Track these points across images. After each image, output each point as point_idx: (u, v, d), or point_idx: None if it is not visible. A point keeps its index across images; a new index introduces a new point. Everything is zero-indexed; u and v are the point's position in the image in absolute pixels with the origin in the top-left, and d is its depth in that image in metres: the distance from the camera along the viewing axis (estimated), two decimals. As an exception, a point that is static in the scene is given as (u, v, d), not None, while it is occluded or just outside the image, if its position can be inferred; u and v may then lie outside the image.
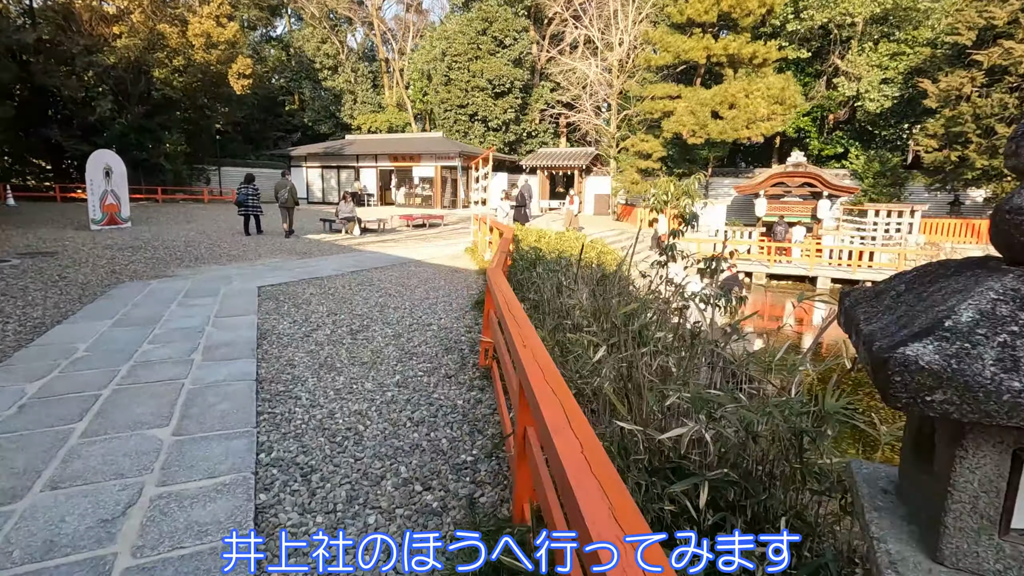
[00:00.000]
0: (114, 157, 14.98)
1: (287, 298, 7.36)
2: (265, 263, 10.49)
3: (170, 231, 14.91)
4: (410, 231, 18.72)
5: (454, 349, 5.17)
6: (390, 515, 2.58)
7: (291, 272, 9.42)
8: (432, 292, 8.11)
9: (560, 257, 6.77)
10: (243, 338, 5.29)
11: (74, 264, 9.30)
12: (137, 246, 11.72)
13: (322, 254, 12.07)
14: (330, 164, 30.72)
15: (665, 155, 24.06)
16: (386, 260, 11.39)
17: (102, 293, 7.35)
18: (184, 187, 28.87)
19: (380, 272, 9.82)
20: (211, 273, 9.15)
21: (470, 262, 11.49)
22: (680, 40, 21.50)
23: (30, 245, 11.13)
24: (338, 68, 39.58)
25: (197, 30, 25.64)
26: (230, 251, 11.81)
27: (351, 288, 8.20)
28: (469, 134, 31.44)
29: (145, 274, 8.88)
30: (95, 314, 6.13)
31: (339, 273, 9.53)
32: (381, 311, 6.75)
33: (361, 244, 14.29)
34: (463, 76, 30.50)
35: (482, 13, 30.32)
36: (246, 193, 14.46)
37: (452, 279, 9.27)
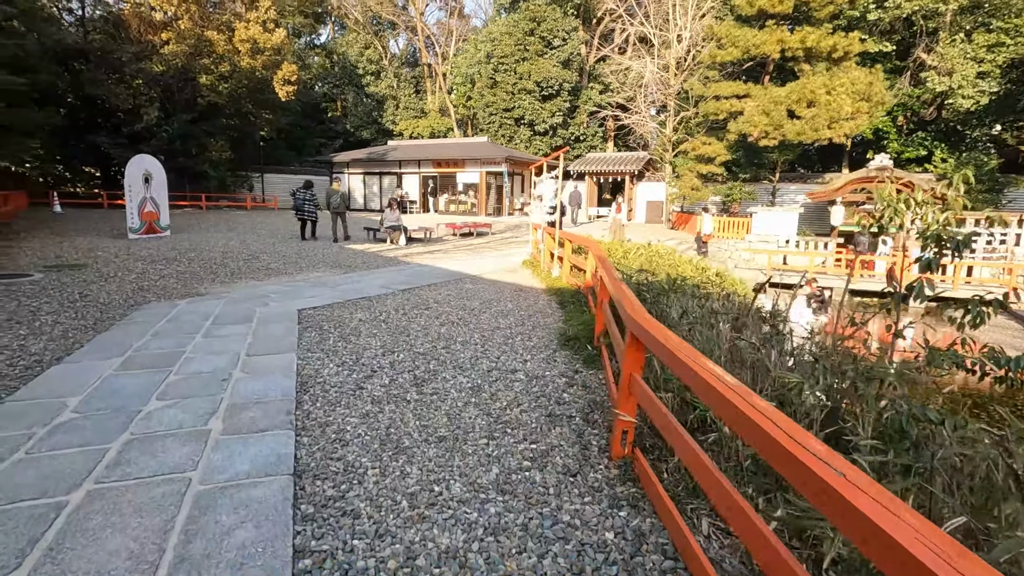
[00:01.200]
0: (154, 162, 14.28)
1: (332, 326, 6.12)
2: (306, 278, 9.37)
3: (209, 240, 14.09)
4: (457, 240, 17.53)
5: (560, 417, 3.76)
6: None
7: (335, 290, 8.23)
8: (501, 319, 6.75)
9: (676, 281, 5.31)
10: (278, 391, 4.02)
11: (100, 279, 8.36)
12: (171, 257, 10.81)
13: (367, 267, 10.91)
14: (372, 170, 30.00)
15: (730, 159, 22.21)
16: (438, 275, 10.13)
17: (121, 317, 6.28)
18: (228, 194, 28.59)
19: (434, 291, 8.54)
20: (246, 291, 8.05)
21: (532, 278, 10.11)
22: (749, 34, 19.70)
23: (60, 256, 10.35)
24: (381, 73, 39.12)
25: (243, 36, 25.28)
26: (269, 264, 10.78)
27: (405, 313, 6.92)
28: (515, 138, 30.20)
29: (174, 292, 7.83)
30: (104, 348, 4.99)
31: (389, 292, 8.29)
32: (447, 347, 5.41)
33: (408, 255, 13.12)
34: (509, 79, 29.31)
35: (529, 13, 29.11)
36: (303, 199, 14.68)
37: (519, 301, 7.89)
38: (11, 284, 7.64)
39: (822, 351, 3.77)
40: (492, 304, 7.64)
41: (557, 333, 6.01)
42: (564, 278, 8.92)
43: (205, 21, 25.11)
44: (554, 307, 7.52)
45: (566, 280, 8.87)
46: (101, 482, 2.71)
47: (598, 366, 4.79)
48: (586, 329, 5.56)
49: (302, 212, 14.87)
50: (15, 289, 7.38)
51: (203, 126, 26.05)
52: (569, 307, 7.19)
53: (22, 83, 13.68)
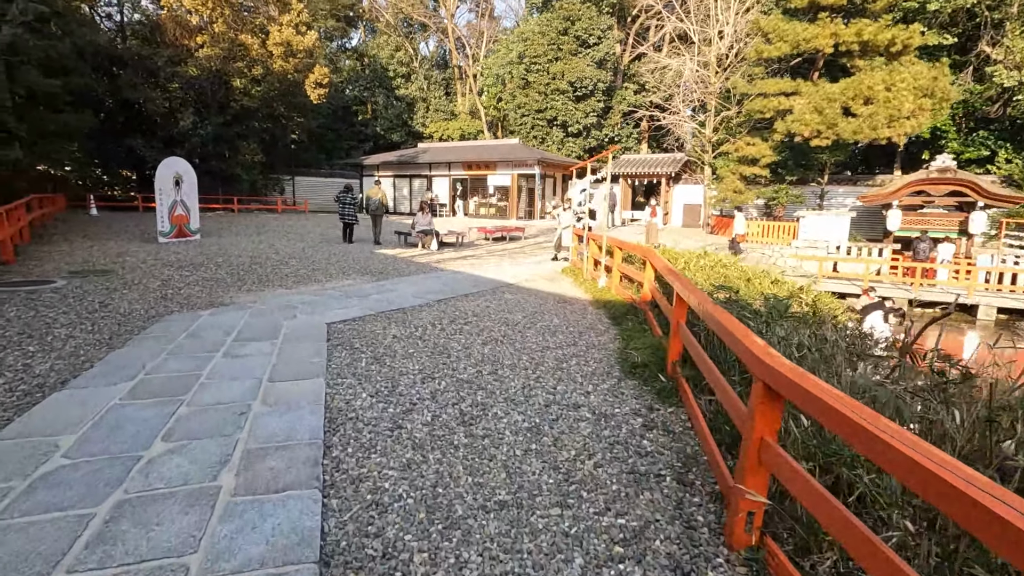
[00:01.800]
0: (185, 165, 14.05)
1: (364, 344, 5.50)
2: (336, 287, 8.83)
3: (238, 244, 13.77)
4: (489, 245, 16.91)
5: (647, 476, 3.02)
6: None
7: (366, 301, 7.65)
8: (549, 336, 6.04)
9: (772, 303, 4.51)
10: (304, 431, 3.39)
11: (123, 287, 7.96)
12: (199, 263, 10.43)
13: (399, 274, 10.35)
14: (403, 173, 29.68)
15: (776, 160, 21.05)
16: (474, 283, 9.49)
17: (140, 331, 5.79)
18: (259, 197, 28.63)
19: (472, 302, 7.89)
20: (273, 301, 7.53)
21: (575, 288, 9.38)
22: (799, 27, 18.58)
23: (87, 261, 10.06)
24: (411, 76, 38.92)
25: (277, 39, 25.22)
26: (298, 270, 10.30)
27: (443, 328, 6.28)
28: (547, 140, 29.49)
29: (198, 301, 7.36)
30: (115, 370, 4.47)
31: (423, 303, 7.68)
32: (494, 373, 4.73)
33: (440, 261, 12.53)
34: (542, 79, 28.63)
35: (564, 12, 28.39)
36: (344, 202, 15.09)
37: (566, 315, 7.17)
38: (32, 292, 7.28)
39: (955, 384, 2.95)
40: (537, 318, 6.94)
41: (617, 357, 5.27)
42: (613, 289, 8.17)
43: (239, 25, 25.14)
44: (606, 323, 6.77)
45: (615, 291, 8.11)
46: (74, 573, 2.10)
47: (676, 402, 4.04)
48: (654, 355, 4.81)
49: (344, 215, 15.19)
50: (35, 298, 7.01)
51: (236, 129, 26.09)
52: (625, 324, 6.44)
53: (55, 85, 13.61)
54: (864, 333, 3.76)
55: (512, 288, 9.25)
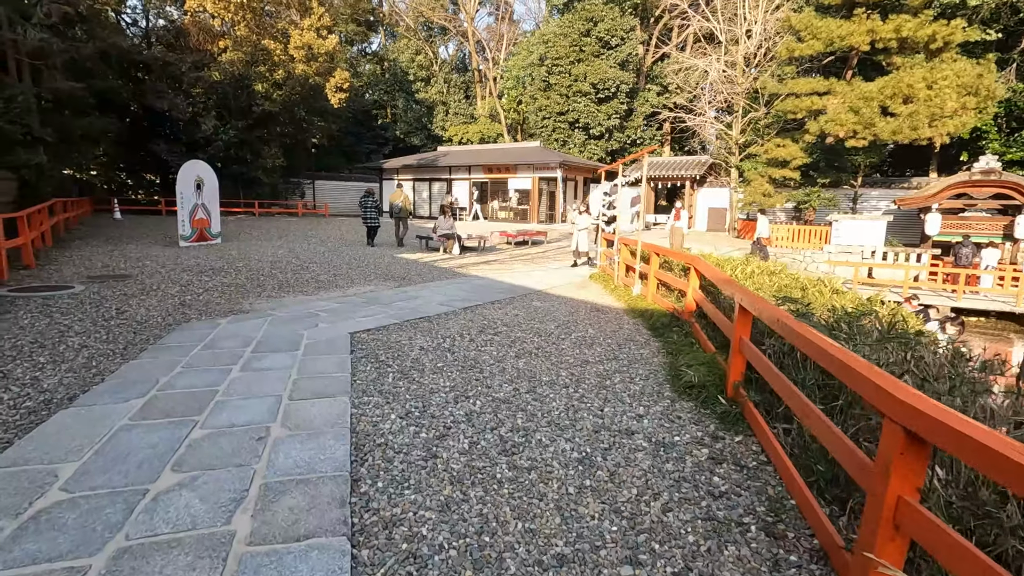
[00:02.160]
0: (206, 168, 13.94)
1: (390, 357, 5.14)
2: (358, 293, 8.51)
3: (259, 249, 13.59)
4: (512, 249, 16.54)
5: (727, 524, 2.57)
6: None
7: (390, 308, 7.31)
8: (587, 349, 5.62)
9: (845, 316, 4.04)
10: (328, 462, 3.02)
11: (142, 292, 7.73)
12: (219, 268, 10.22)
13: (422, 280, 10.01)
14: (422, 176, 29.50)
15: (807, 162, 20.33)
16: (500, 290, 9.11)
17: (156, 340, 5.51)
18: (280, 200, 28.69)
19: (501, 310, 7.50)
20: (294, 308, 7.23)
21: (606, 295, 8.94)
22: (833, 24, 17.91)
23: (107, 266, 9.91)
24: (431, 79, 38.84)
25: (298, 43, 25.26)
26: (319, 275, 10.02)
27: (472, 339, 5.89)
28: (569, 143, 29.06)
29: (217, 308, 7.09)
30: (126, 385, 4.16)
31: (450, 310, 7.31)
32: (533, 391, 4.32)
33: (463, 266, 12.19)
34: (564, 81, 28.23)
35: (586, 13, 27.97)
36: (367, 206, 15.29)
37: (601, 325, 6.74)
38: (49, 298, 7.08)
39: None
40: (570, 328, 6.52)
41: (665, 373, 4.82)
42: (649, 297, 7.70)
43: (261, 29, 25.23)
44: (645, 334, 6.32)
45: (652, 300, 7.65)
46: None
47: (743, 430, 3.58)
48: (709, 373, 4.35)
49: (367, 219, 15.39)
50: (51, 304, 6.79)
51: (257, 133, 26.18)
52: (667, 336, 5.98)
53: (79, 88, 13.63)
54: (961, 353, 3.26)
55: (540, 295, 8.84)
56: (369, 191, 15.67)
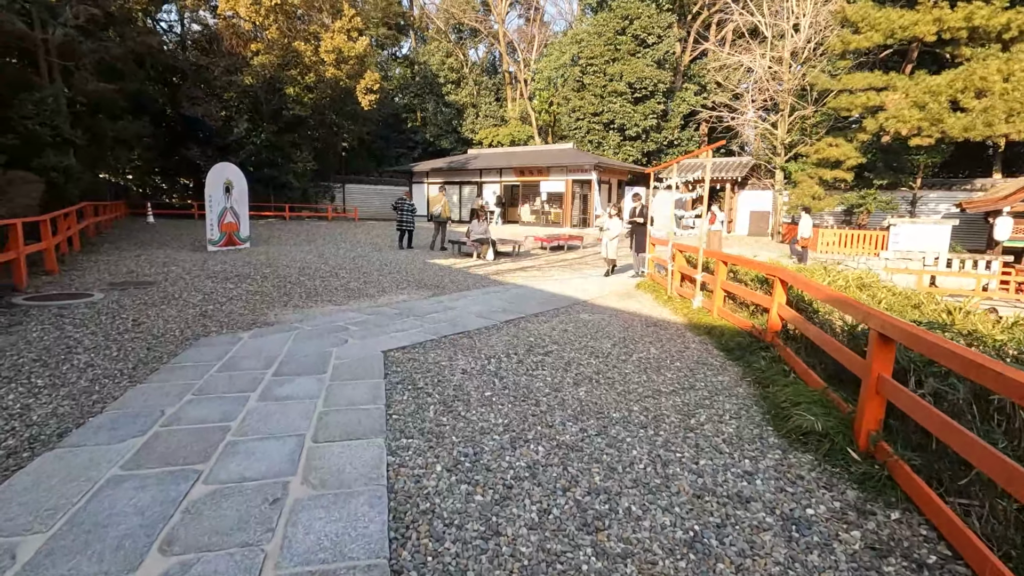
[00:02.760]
0: (235, 171, 13.59)
1: (429, 383, 4.44)
2: (390, 302, 7.88)
3: (287, 254, 13.16)
4: (547, 255, 15.78)
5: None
6: None
7: (425, 321, 6.64)
8: (654, 374, 4.83)
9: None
10: (359, 541, 2.31)
11: (162, 301, 7.24)
12: (245, 274, 9.74)
13: (457, 288, 9.33)
14: (452, 179, 29.00)
15: (861, 162, 19.04)
16: (541, 300, 8.36)
17: (170, 357, 4.94)
18: (310, 204, 28.55)
19: (546, 324, 6.75)
20: (322, 320, 6.61)
21: (659, 307, 8.11)
22: (894, 15, 16.68)
23: (132, 272, 9.52)
24: (461, 82, 38.44)
25: (328, 46, 25.01)
26: (348, 283, 9.44)
27: (520, 359, 5.16)
28: (603, 144, 28.17)
29: (240, 320, 6.52)
30: (126, 419, 3.55)
31: (490, 324, 6.60)
32: (604, 432, 3.56)
33: (499, 273, 11.48)
34: (598, 81, 27.38)
35: (622, 10, 27.09)
36: (402, 209, 15.12)
37: (663, 344, 5.93)
38: (64, 308, 6.62)
39: None
40: (629, 347, 5.73)
41: (760, 409, 4.00)
42: (715, 312, 6.84)
43: (292, 32, 25.11)
44: (718, 357, 5.48)
45: (717, 314, 6.79)
46: None
47: (895, 498, 2.73)
48: (825, 414, 3.51)
49: (402, 222, 15.19)
50: (66, 314, 6.32)
51: (288, 137, 26.07)
52: (748, 361, 5.13)
53: (110, 89, 13.46)
54: None
55: (586, 307, 8.06)
56: (405, 194, 15.67)
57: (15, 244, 7.24)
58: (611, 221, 11.75)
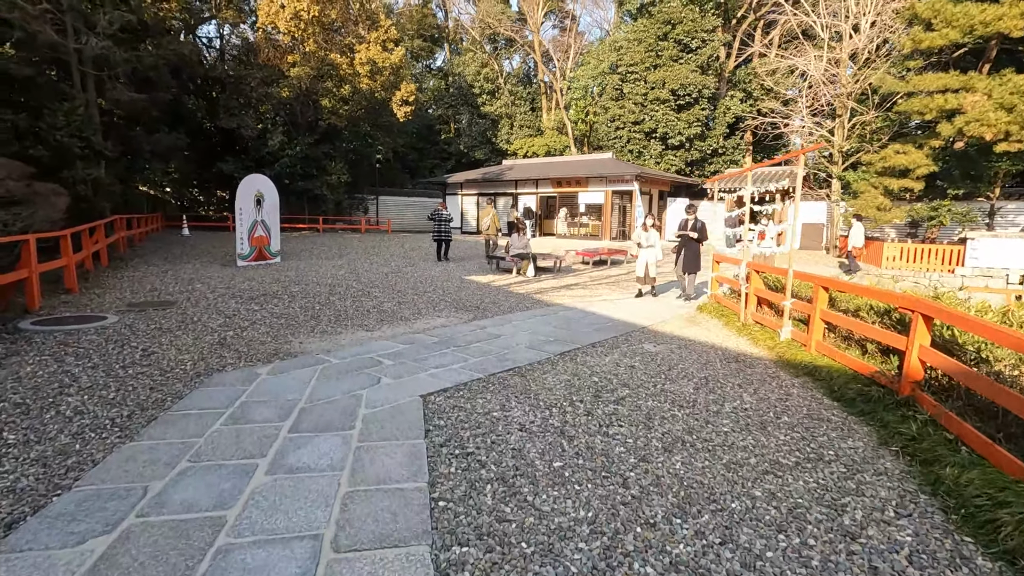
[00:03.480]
0: (266, 182, 13.09)
1: (482, 445, 3.53)
2: (427, 327, 7.03)
3: (318, 269, 12.54)
4: (590, 270, 14.77)
5: None
6: None
7: (468, 353, 5.75)
8: (761, 434, 3.80)
9: None
10: None
11: (179, 326, 6.56)
12: (272, 292, 9.07)
13: (499, 310, 8.44)
14: (487, 191, 28.33)
15: (934, 170, 17.46)
16: (595, 325, 7.39)
17: (173, 401, 4.17)
18: (344, 216, 28.30)
19: (607, 357, 5.78)
20: (351, 350, 5.79)
21: (731, 335, 7.04)
22: (974, 9, 15.20)
23: (155, 290, 8.97)
24: (496, 92, 38.00)
25: (363, 57, 24.80)
26: (382, 303, 8.66)
27: (588, 409, 4.20)
28: (644, 154, 27.07)
29: (261, 349, 5.76)
30: (96, 502, 2.74)
31: (543, 356, 5.69)
32: (730, 541, 2.56)
33: (542, 292, 10.55)
34: (639, 89, 26.35)
35: (664, 15, 26.07)
36: (439, 219, 14.95)
37: (755, 388, 4.88)
38: (72, 333, 5.99)
39: None
40: (716, 392, 4.71)
41: (938, 502, 2.93)
42: (812, 347, 5.73)
43: (329, 44, 24.98)
44: (834, 410, 4.40)
45: (815, 350, 5.68)
46: None
47: None
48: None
49: (439, 233, 15.01)
50: (71, 342, 5.68)
51: (323, 148, 25.89)
52: (881, 419, 4.03)
53: (141, 98, 13.19)
54: None
55: (648, 335, 7.04)
56: (441, 205, 15.44)
57: (27, 262, 6.70)
58: (649, 234, 10.24)
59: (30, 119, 9.71)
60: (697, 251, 9.84)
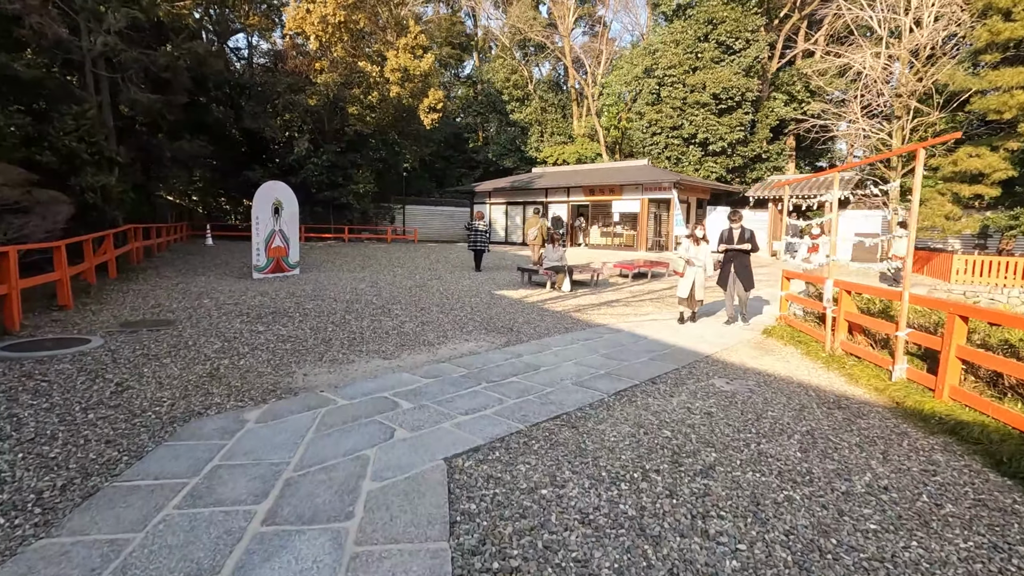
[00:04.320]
0: (285, 190, 12.36)
1: (528, 553, 2.45)
2: (454, 354, 5.99)
3: (338, 282, 11.69)
4: (629, 284, 13.59)
5: None
6: None
7: (503, 392, 4.69)
8: (930, 537, 2.63)
9: None
10: None
11: (168, 352, 5.68)
12: (283, 310, 8.20)
13: (536, 332, 7.37)
14: (516, 200, 27.39)
15: (1012, 175, 15.76)
16: (649, 353, 6.27)
17: (128, 462, 3.22)
18: (370, 226, 27.71)
19: (674, 399, 4.65)
20: (362, 385, 4.79)
21: (818, 368, 5.82)
22: (1062, -5, 13.60)
23: (158, 306, 8.19)
24: (525, 99, 37.19)
25: (394, 64, 24.20)
26: (403, 323, 7.68)
27: (669, 490, 3.09)
28: (682, 160, 25.75)
29: (255, 383, 4.81)
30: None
31: (595, 397, 4.61)
32: None
33: (580, 309, 9.45)
34: (678, 92, 25.09)
35: (703, 15, 24.81)
36: (476, 229, 14.75)
37: (873, 444, 3.69)
38: (44, 361, 5.15)
39: None
40: (834, 459, 3.53)
41: None
42: (944, 393, 4.47)
43: (357, 51, 24.51)
44: (1009, 490, 3.19)
45: (950, 397, 4.43)
46: None
47: None
48: None
49: (476, 243, 14.77)
50: (39, 372, 4.83)
51: (350, 157, 25.36)
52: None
53: (156, 101, 12.62)
54: None
55: (716, 366, 5.88)
56: (478, 214, 15.24)
57: (6, 277, 5.92)
58: (700, 249, 8.39)
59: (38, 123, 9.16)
60: (749, 265, 8.52)
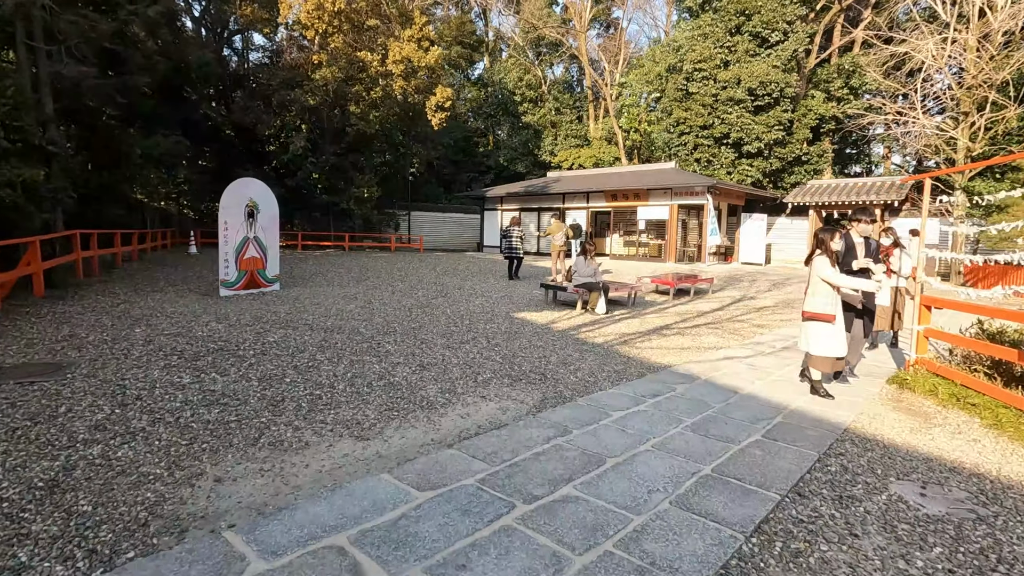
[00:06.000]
0: (262, 189, 10.29)
1: None
2: (464, 430, 3.78)
3: (323, 301, 9.57)
4: (672, 302, 11.38)
5: None
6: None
7: (559, 539, 2.44)
8: None
9: None
10: None
11: (5, 437, 3.55)
12: (233, 345, 6.05)
13: (579, 381, 5.19)
14: (530, 206, 25.29)
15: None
16: (758, 423, 4.08)
17: None
18: (373, 233, 25.69)
19: (861, 539, 2.38)
20: (304, 515, 2.58)
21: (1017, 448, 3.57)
22: None
23: (65, 339, 6.08)
24: (539, 100, 35.24)
25: (398, 55, 22.25)
26: (394, 366, 5.51)
27: None
28: (713, 163, 23.54)
29: (115, 513, 2.64)
30: None
31: (728, 546, 2.34)
32: None
33: (626, 339, 7.27)
34: (708, 88, 22.93)
35: (735, 6, 22.69)
36: (510, 236, 14.10)
37: None
38: None
39: None
40: None
41: None
42: None
43: (358, 43, 22.60)
44: None
45: None
46: None
47: None
48: None
49: (510, 251, 14.16)
50: None
51: (352, 159, 23.39)
52: None
53: (108, 84, 10.66)
54: None
55: (875, 453, 3.67)
56: (514, 220, 14.32)
57: None
58: (867, 283, 4.99)
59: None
60: (871, 295, 6.14)
